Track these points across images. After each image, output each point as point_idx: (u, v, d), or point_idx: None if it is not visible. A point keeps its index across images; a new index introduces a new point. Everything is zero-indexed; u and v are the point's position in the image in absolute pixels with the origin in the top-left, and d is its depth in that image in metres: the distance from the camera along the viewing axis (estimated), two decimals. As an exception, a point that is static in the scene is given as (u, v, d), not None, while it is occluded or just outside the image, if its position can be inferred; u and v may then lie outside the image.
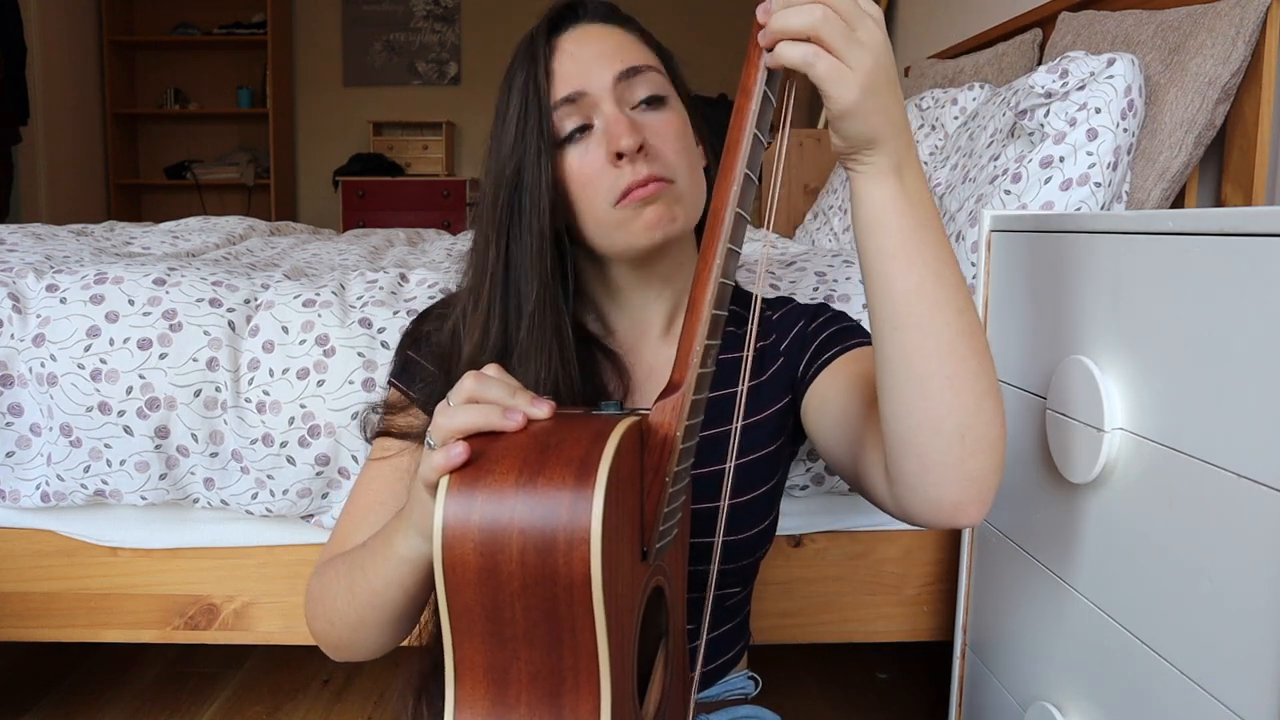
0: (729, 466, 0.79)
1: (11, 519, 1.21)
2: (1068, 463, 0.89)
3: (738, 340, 0.88)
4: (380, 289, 1.24)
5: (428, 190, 4.93)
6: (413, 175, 5.15)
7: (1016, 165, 1.35)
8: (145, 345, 1.13)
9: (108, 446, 1.13)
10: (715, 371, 0.67)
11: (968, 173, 1.51)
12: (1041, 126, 1.34)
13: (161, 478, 1.14)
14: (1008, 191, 1.34)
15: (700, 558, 0.81)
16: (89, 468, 1.14)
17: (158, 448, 1.13)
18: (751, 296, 0.83)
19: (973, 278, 1.34)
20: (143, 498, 1.15)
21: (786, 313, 0.91)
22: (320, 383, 1.12)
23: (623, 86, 0.78)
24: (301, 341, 1.15)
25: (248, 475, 1.14)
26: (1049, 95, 1.34)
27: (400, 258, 1.95)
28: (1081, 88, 1.32)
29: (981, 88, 1.87)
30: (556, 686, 0.56)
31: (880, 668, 1.71)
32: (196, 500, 1.17)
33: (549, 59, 0.79)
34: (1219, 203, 1.45)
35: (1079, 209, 1.30)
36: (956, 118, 1.87)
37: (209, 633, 1.22)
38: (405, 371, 0.86)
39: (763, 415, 0.88)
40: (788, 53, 0.59)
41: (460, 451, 0.57)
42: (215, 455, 1.13)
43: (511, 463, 0.56)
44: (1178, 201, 1.46)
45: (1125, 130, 1.31)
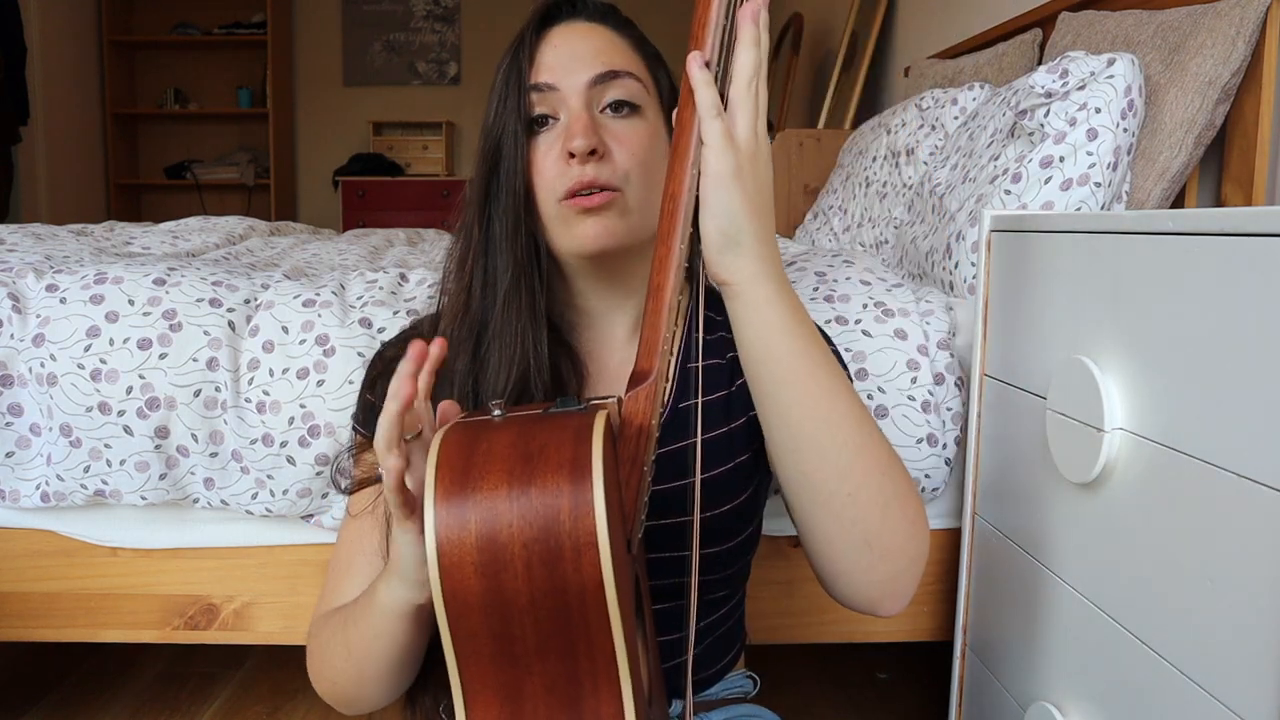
0: (696, 479, 0.78)
1: (11, 519, 1.21)
2: (1068, 463, 0.89)
3: (707, 346, 0.86)
4: (380, 289, 1.24)
5: (428, 190, 4.94)
6: (413, 175, 5.15)
7: (1016, 165, 1.35)
8: (145, 345, 1.13)
9: (108, 446, 1.13)
10: (679, 381, 0.68)
11: (968, 173, 1.51)
12: (1041, 126, 1.34)
13: (161, 478, 1.14)
14: (1008, 191, 1.34)
15: (682, 570, 0.80)
16: (89, 468, 1.14)
17: (158, 448, 1.13)
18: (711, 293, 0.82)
19: (973, 278, 1.34)
20: (143, 498, 1.15)
21: None
22: (320, 383, 1.12)
23: (596, 89, 0.78)
24: (301, 341, 1.15)
25: (248, 475, 1.14)
26: (1049, 95, 1.34)
27: (400, 258, 1.95)
28: (1081, 88, 1.32)
29: (981, 88, 1.87)
30: (575, 694, 0.55)
31: (880, 668, 1.71)
32: (196, 500, 1.17)
33: (534, 46, 0.79)
34: (1219, 203, 1.45)
35: (1079, 209, 1.30)
36: (956, 118, 1.87)
37: (209, 633, 1.22)
38: (366, 414, 0.85)
39: (734, 424, 0.86)
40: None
41: (392, 465, 0.58)
42: (215, 455, 1.13)
43: (499, 475, 0.53)
44: (1178, 201, 1.46)
45: (1125, 130, 1.31)
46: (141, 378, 1.12)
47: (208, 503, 1.17)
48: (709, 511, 0.82)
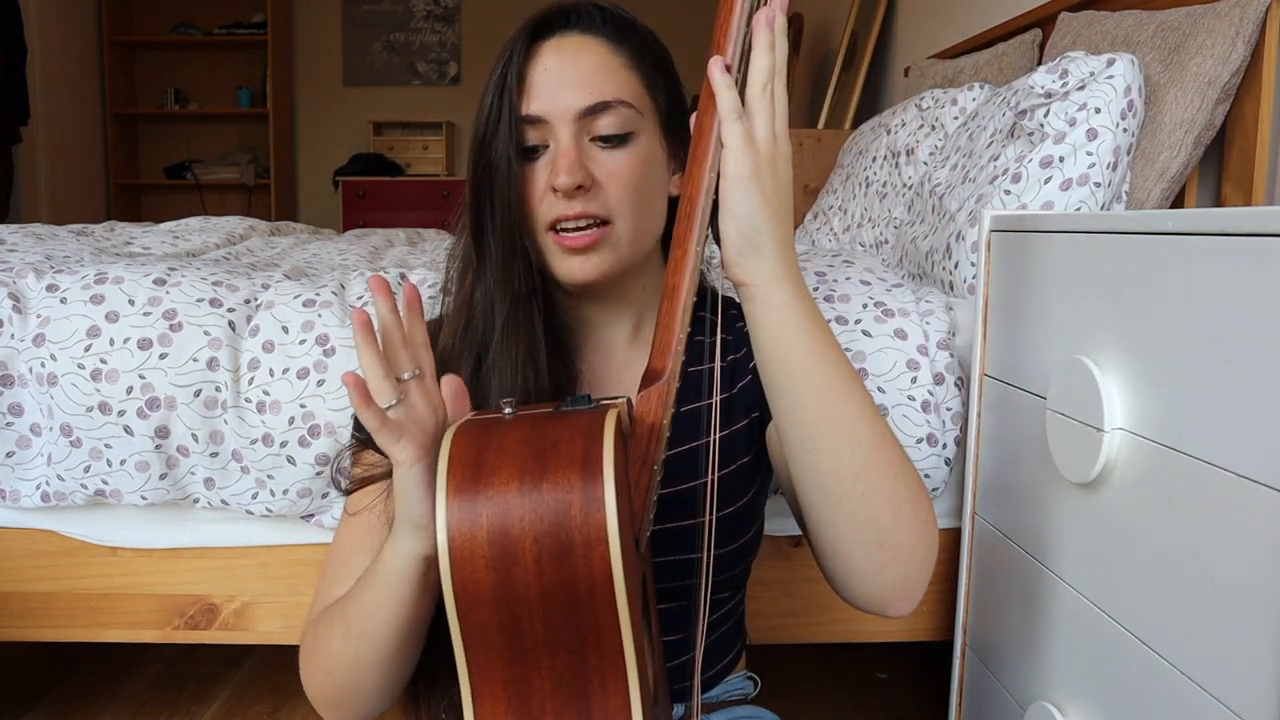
0: (710, 479, 0.78)
1: (11, 519, 1.21)
2: (1068, 463, 0.89)
3: (709, 350, 0.86)
4: (380, 289, 1.24)
5: (428, 190, 4.94)
6: (413, 175, 5.15)
7: (1016, 165, 1.35)
8: (145, 345, 1.13)
9: (108, 446, 1.13)
10: (683, 385, 0.68)
11: (968, 173, 1.51)
12: (1041, 126, 1.34)
13: (162, 478, 1.14)
14: (1008, 191, 1.34)
15: (687, 573, 0.81)
16: (89, 468, 1.14)
17: (158, 448, 1.13)
18: (720, 297, 0.82)
19: (973, 278, 1.34)
20: (143, 498, 1.15)
21: None
22: (320, 382, 1.13)
23: (586, 120, 0.77)
24: (301, 341, 1.15)
25: (248, 475, 1.14)
26: (1049, 95, 1.34)
27: (400, 258, 1.95)
28: (1081, 88, 1.32)
29: (981, 88, 1.87)
30: (583, 689, 0.55)
31: (880, 668, 1.71)
32: (197, 500, 1.17)
33: (525, 64, 0.78)
34: (1219, 203, 1.45)
35: (1079, 209, 1.30)
36: (956, 118, 1.87)
37: (209, 633, 1.22)
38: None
39: (736, 427, 0.87)
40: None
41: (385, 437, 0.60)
42: (215, 455, 1.13)
43: (510, 471, 0.54)
44: (1178, 201, 1.46)
45: (1125, 130, 1.31)
46: (142, 378, 1.12)
47: (208, 503, 1.17)
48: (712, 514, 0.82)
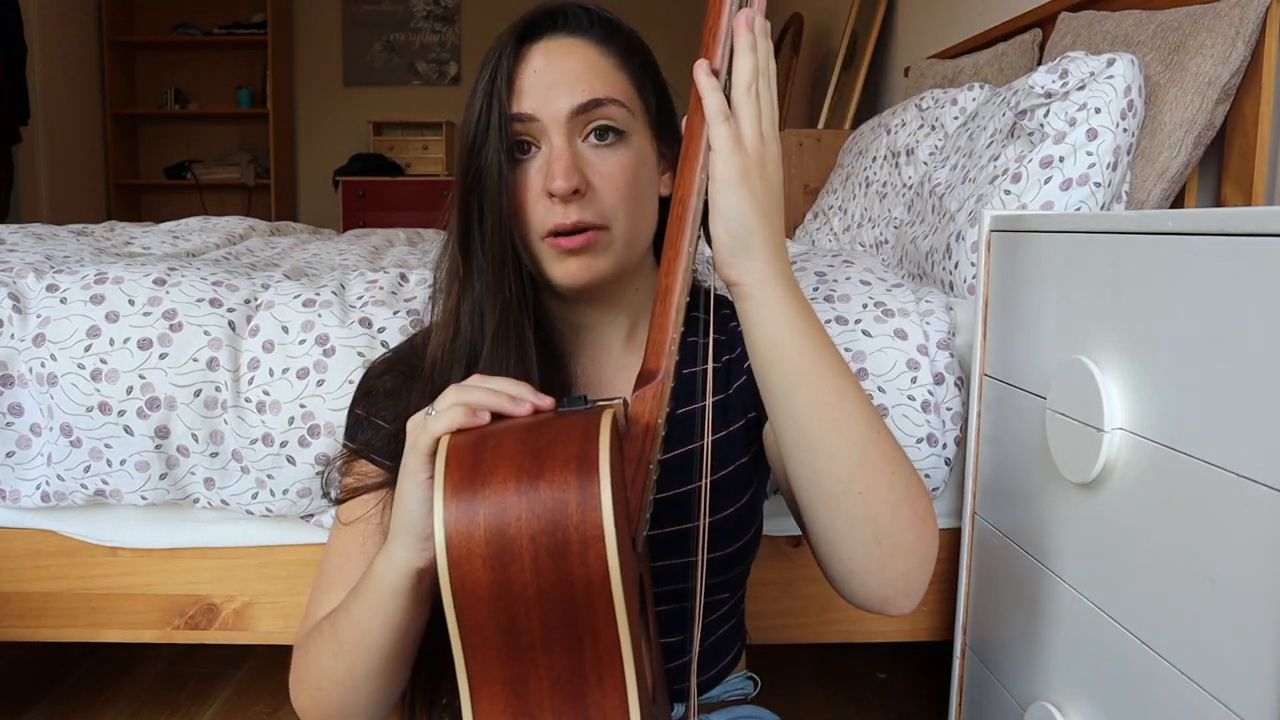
0: (704, 484, 0.78)
1: (11, 519, 1.21)
2: (1067, 463, 0.89)
3: (700, 351, 0.86)
4: (380, 289, 1.24)
5: (428, 190, 4.93)
6: (413, 175, 5.15)
7: (1016, 165, 1.35)
8: (145, 345, 1.13)
9: (108, 446, 1.13)
10: (679, 387, 0.68)
11: (968, 173, 1.51)
12: (1041, 126, 1.34)
13: (162, 478, 1.14)
14: (1008, 191, 1.34)
15: (687, 576, 0.80)
16: (89, 468, 1.14)
17: (158, 448, 1.13)
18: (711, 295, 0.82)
19: (972, 277, 1.34)
20: (143, 498, 1.15)
21: None
22: (320, 383, 1.13)
23: (578, 119, 0.76)
24: (301, 341, 1.15)
25: (248, 475, 1.14)
26: (1049, 95, 1.34)
27: (400, 258, 1.95)
28: (1081, 88, 1.32)
29: (981, 88, 1.87)
30: (580, 688, 0.55)
31: (880, 668, 1.71)
32: (197, 500, 1.17)
33: (513, 68, 0.76)
34: (1219, 203, 1.45)
35: (1079, 209, 1.30)
36: (956, 118, 1.87)
37: (209, 633, 1.22)
38: (356, 428, 0.85)
39: (733, 428, 0.86)
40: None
41: (460, 416, 0.58)
42: (215, 455, 1.13)
43: (507, 471, 0.54)
44: (1178, 201, 1.46)
45: (1125, 130, 1.31)
46: (142, 378, 1.12)
47: (208, 503, 1.17)
48: (711, 516, 0.82)
